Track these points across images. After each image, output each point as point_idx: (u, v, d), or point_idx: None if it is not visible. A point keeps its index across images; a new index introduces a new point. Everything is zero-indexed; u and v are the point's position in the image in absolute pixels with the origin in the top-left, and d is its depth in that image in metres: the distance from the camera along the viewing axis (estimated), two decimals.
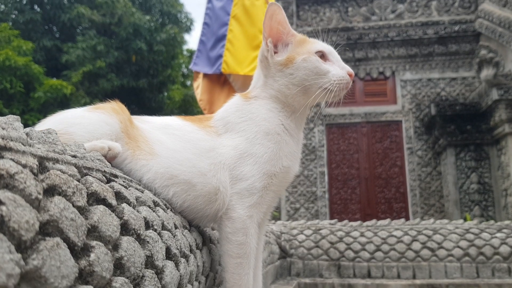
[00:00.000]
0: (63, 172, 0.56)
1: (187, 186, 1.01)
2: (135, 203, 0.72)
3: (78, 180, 0.59)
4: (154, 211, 0.79)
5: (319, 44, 1.17)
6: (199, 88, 3.70)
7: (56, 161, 0.58)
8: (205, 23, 3.75)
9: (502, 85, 8.91)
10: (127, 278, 0.59)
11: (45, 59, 17.14)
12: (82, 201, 0.54)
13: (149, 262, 0.68)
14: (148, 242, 0.69)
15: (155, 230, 0.74)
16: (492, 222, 2.98)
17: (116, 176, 0.77)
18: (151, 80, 17.66)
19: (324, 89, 1.13)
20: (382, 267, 2.87)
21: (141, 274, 0.63)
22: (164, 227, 0.80)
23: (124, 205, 0.67)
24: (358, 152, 11.48)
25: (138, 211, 0.72)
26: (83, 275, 0.50)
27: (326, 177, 11.25)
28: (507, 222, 2.97)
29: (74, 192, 0.54)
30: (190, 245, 0.94)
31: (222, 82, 3.68)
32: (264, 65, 1.19)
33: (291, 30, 1.18)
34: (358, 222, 3.08)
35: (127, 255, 0.60)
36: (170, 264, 0.75)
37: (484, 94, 9.44)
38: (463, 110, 9.86)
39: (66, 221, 0.49)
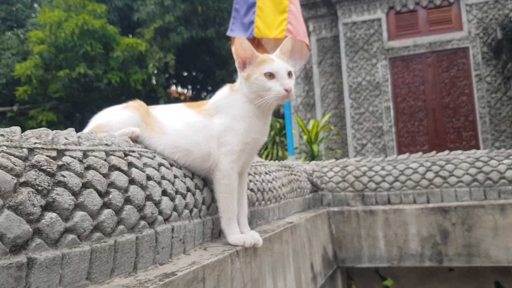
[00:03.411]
0: (96, 157, 1.15)
1: (187, 152, 1.60)
2: (142, 167, 1.31)
3: (105, 160, 1.18)
4: (157, 170, 1.38)
5: (269, 66, 1.62)
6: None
7: (93, 151, 1.17)
8: None
9: None
10: (133, 206, 1.19)
11: (119, 19, 18.17)
12: (105, 170, 1.14)
13: (149, 198, 1.27)
14: (148, 187, 1.28)
15: (155, 181, 1.33)
16: (502, 150, 3.31)
17: (133, 151, 1.36)
18: (218, 29, 18.14)
19: (267, 100, 1.60)
20: (400, 195, 3.34)
21: (143, 203, 1.23)
22: (163, 178, 1.39)
23: (133, 169, 1.26)
24: (424, 83, 11.45)
25: (143, 171, 1.31)
26: (106, 205, 1.10)
27: (392, 111, 11.41)
28: None
29: (101, 166, 1.13)
30: (188, 187, 1.54)
31: (256, 45, 4.15)
32: (239, 74, 1.71)
33: (254, 53, 1.67)
34: (381, 158, 3.54)
35: (133, 195, 1.19)
36: (165, 198, 1.35)
37: None
38: None
39: (95, 181, 1.08)
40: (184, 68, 20.52)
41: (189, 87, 22.45)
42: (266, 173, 2.49)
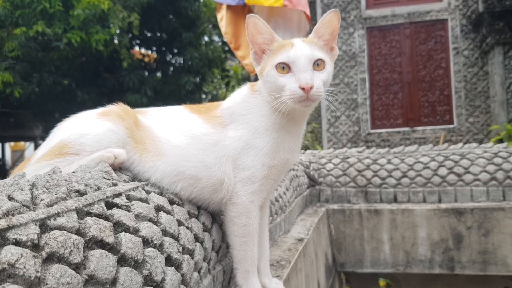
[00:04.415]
0: (62, 229, 0.67)
1: (193, 180, 1.12)
2: (135, 225, 0.84)
3: (77, 230, 0.70)
4: (155, 223, 0.91)
5: (284, 54, 1.15)
6: (223, 20, 3.66)
7: (57, 215, 0.69)
8: None
9: None
10: None
11: None
12: (78, 257, 0.66)
13: (149, 279, 0.80)
14: (147, 261, 0.81)
15: (154, 246, 0.85)
16: None
17: (119, 195, 0.88)
18: None
19: (284, 101, 1.13)
20: (408, 193, 2.97)
21: None
22: (165, 233, 0.92)
23: (122, 234, 0.78)
24: (401, 55, 11.12)
25: (137, 233, 0.83)
26: None
27: (367, 83, 11.08)
28: None
29: (71, 250, 0.65)
30: (196, 235, 1.07)
31: (247, 14, 3.59)
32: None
33: (274, 37, 1.19)
34: (386, 149, 3.15)
35: (124, 287, 0.72)
36: (170, 271, 0.88)
37: None
38: None
39: (63, 287, 0.60)
40: (149, 28, 19.53)
41: (154, 48, 21.51)
42: None
